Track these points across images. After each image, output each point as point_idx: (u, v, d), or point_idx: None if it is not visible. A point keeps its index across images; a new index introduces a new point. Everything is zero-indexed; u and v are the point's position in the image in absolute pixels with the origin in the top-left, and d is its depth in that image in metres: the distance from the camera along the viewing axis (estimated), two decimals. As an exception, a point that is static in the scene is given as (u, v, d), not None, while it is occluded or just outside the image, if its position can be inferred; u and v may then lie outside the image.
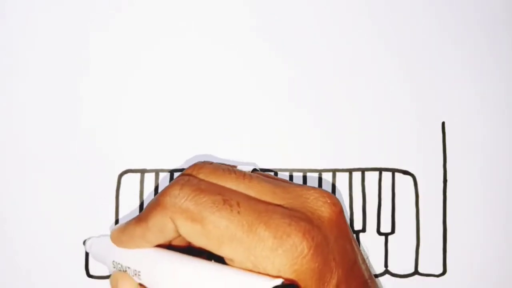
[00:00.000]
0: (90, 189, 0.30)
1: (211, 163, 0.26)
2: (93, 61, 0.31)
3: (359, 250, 0.26)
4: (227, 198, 0.23)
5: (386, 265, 0.32)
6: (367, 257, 0.31)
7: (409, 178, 0.32)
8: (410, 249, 0.32)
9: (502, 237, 0.32)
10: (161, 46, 0.32)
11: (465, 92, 0.33)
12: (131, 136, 0.31)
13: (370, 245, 0.32)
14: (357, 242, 0.26)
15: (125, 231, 0.26)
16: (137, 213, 0.30)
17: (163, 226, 0.24)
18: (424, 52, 0.33)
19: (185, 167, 0.31)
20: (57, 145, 0.31)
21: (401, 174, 0.32)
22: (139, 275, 0.25)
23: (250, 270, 0.22)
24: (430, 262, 0.28)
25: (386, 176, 0.32)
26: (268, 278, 0.20)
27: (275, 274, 0.21)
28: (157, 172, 0.31)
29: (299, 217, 0.23)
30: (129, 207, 0.31)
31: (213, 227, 0.22)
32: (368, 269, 0.26)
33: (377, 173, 0.32)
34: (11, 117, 0.31)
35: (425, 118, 0.32)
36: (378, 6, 0.33)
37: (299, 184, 0.25)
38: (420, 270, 0.31)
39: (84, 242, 0.30)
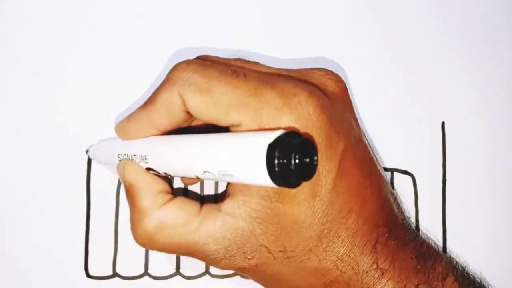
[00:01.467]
0: (90, 189, 0.30)
1: None
2: (93, 60, 0.31)
3: (364, 134, 0.26)
4: (234, 69, 0.23)
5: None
6: None
7: (409, 178, 0.32)
8: (410, 248, 0.32)
9: (502, 236, 0.32)
10: (160, 45, 0.31)
11: (465, 92, 0.33)
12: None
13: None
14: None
15: (130, 119, 0.25)
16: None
17: (171, 103, 0.23)
18: (424, 52, 0.33)
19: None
20: (58, 146, 0.30)
21: (400, 174, 0.32)
22: (146, 159, 0.25)
23: (257, 131, 0.22)
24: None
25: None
26: (270, 132, 0.20)
27: None
28: (157, 172, 0.31)
29: (305, 82, 0.23)
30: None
31: (221, 95, 0.22)
32: (373, 152, 0.26)
33: (376, 173, 0.32)
34: (11, 118, 0.31)
35: (425, 118, 0.32)
36: (378, 6, 0.33)
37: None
38: (420, 269, 0.31)
39: (86, 151, 0.30)
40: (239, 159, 0.20)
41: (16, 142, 0.30)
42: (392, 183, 0.32)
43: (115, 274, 0.30)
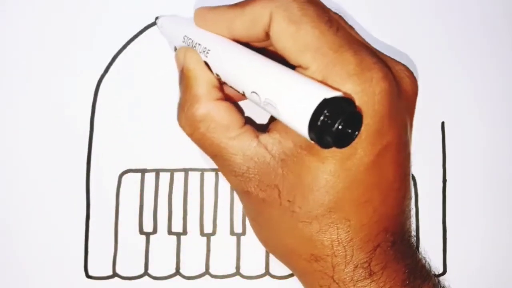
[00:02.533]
0: (90, 189, 0.30)
1: None
2: (94, 60, 0.31)
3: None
4: (331, 19, 0.23)
5: (386, 265, 0.31)
6: None
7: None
8: (410, 249, 0.32)
9: (502, 236, 0.32)
10: (160, 45, 0.31)
11: (465, 92, 0.33)
12: (131, 136, 0.31)
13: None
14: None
15: (214, 10, 0.26)
16: (137, 213, 0.30)
17: (258, 17, 0.23)
18: (424, 52, 0.33)
19: (186, 166, 0.31)
20: (57, 145, 0.31)
21: (400, 174, 0.32)
22: (207, 53, 0.25)
23: (319, 81, 0.22)
24: (430, 262, 0.28)
25: (386, 176, 0.32)
26: (331, 89, 0.20)
27: None
28: (157, 172, 0.31)
29: (385, 65, 0.23)
30: (129, 207, 0.30)
31: (306, 33, 0.22)
32: (411, 163, 0.26)
33: (376, 173, 0.32)
34: (11, 117, 0.31)
35: (424, 118, 0.32)
36: (378, 6, 0.33)
37: None
38: (420, 269, 0.31)
39: (156, 18, 0.30)
40: (291, 97, 0.21)
41: (16, 141, 0.30)
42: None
43: (115, 274, 0.30)
